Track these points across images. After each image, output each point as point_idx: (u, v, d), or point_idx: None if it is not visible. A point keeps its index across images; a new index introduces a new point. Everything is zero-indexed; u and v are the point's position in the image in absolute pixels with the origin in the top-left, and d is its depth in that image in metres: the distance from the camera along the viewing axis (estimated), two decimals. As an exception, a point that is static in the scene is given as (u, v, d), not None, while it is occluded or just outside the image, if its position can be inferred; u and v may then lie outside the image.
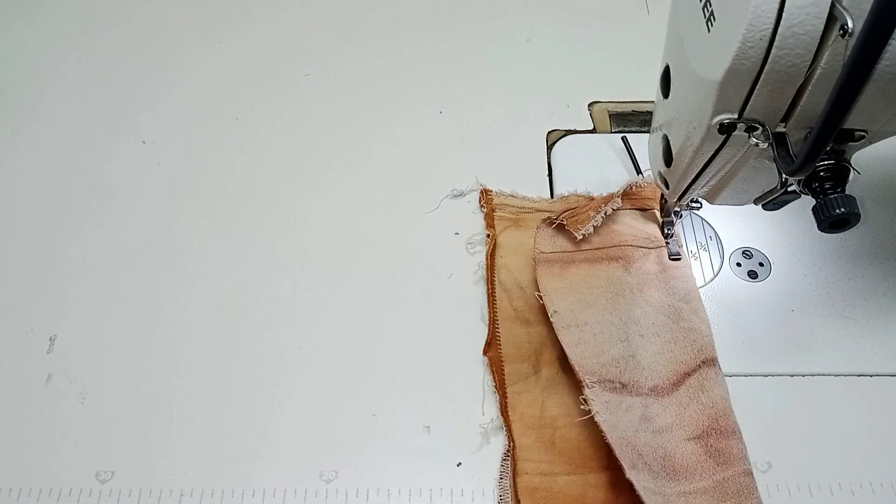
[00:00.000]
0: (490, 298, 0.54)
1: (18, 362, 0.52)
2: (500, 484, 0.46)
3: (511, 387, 0.50)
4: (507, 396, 0.49)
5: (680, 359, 0.50)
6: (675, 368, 0.49)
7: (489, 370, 0.51)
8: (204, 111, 0.67)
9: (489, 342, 0.52)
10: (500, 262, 0.56)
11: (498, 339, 0.52)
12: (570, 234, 0.54)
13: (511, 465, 0.47)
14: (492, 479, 0.47)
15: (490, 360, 0.51)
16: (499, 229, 0.57)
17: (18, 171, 0.63)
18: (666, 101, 0.44)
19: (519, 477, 0.46)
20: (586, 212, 0.54)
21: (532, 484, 0.46)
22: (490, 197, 0.59)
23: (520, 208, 0.59)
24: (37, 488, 0.46)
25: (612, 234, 0.55)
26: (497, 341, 0.52)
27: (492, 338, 0.52)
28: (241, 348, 0.53)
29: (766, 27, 0.32)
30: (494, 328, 0.52)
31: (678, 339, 0.50)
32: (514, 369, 0.50)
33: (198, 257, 0.57)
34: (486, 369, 0.51)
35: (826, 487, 0.45)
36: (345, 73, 0.70)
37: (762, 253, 0.56)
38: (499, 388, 0.49)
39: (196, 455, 0.48)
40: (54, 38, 0.74)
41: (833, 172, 0.37)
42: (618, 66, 0.68)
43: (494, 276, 0.55)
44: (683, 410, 0.48)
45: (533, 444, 0.48)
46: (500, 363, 0.51)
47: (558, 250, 0.54)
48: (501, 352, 0.51)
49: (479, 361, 0.51)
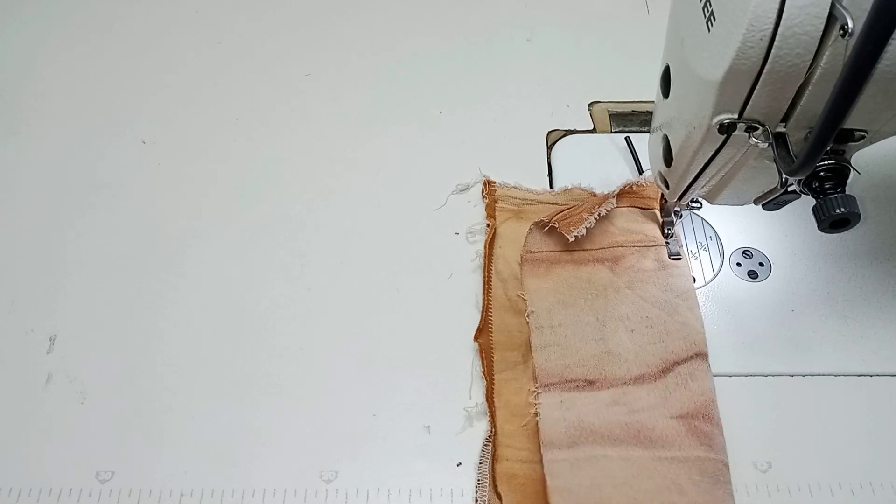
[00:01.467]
0: (486, 286, 0.54)
1: (18, 362, 0.52)
2: (479, 469, 0.47)
3: (499, 374, 0.51)
4: (495, 383, 0.50)
5: (671, 349, 0.50)
6: (665, 357, 0.50)
7: (478, 356, 0.51)
8: (204, 111, 0.67)
9: (481, 328, 0.52)
10: (498, 251, 0.56)
11: (490, 327, 0.52)
12: (562, 236, 0.54)
13: (492, 450, 0.47)
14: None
15: (480, 346, 0.51)
16: (500, 220, 0.58)
17: (18, 171, 0.63)
18: (666, 101, 0.44)
19: (498, 462, 0.47)
20: (580, 213, 0.55)
21: (511, 470, 0.47)
22: (493, 188, 0.60)
23: (522, 200, 0.59)
24: (37, 488, 0.46)
25: (603, 236, 0.56)
26: (489, 328, 0.52)
27: (484, 324, 0.52)
28: (241, 348, 0.53)
29: (766, 27, 0.32)
30: (487, 315, 0.53)
31: (671, 330, 0.51)
32: (503, 357, 0.51)
33: (198, 257, 0.57)
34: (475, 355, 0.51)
35: (826, 487, 0.45)
36: (345, 73, 0.70)
37: (762, 253, 0.56)
38: (486, 375, 0.50)
39: (196, 455, 0.48)
40: (54, 38, 0.74)
41: (833, 172, 0.37)
42: (618, 66, 0.68)
43: (492, 265, 0.55)
44: (669, 394, 0.49)
45: (515, 430, 0.48)
46: (490, 350, 0.51)
47: (546, 249, 0.55)
48: (492, 339, 0.52)
49: (479, 361, 0.51)
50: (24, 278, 0.56)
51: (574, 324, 0.52)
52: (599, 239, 0.55)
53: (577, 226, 0.53)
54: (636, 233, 0.56)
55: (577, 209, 0.55)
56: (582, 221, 0.53)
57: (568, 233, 0.53)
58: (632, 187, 0.57)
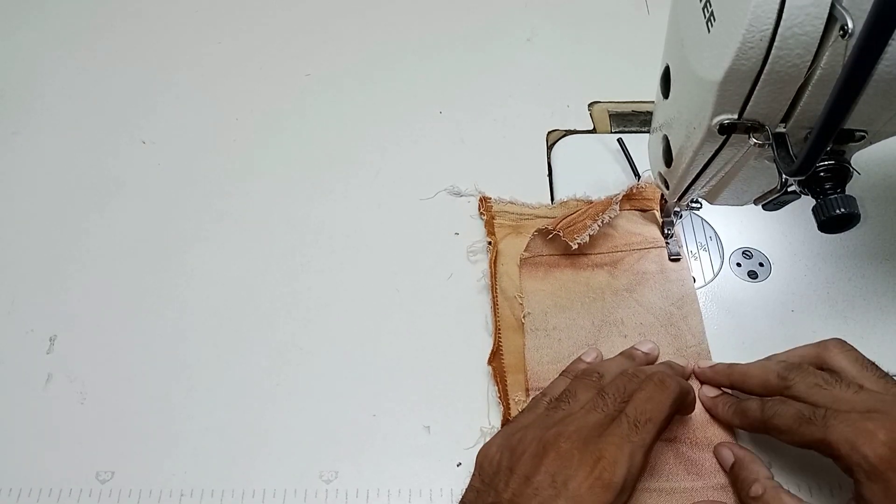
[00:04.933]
0: (494, 308, 0.53)
1: (18, 362, 0.52)
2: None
3: (513, 396, 0.49)
4: (510, 407, 0.49)
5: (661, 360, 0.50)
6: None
7: (493, 380, 0.50)
8: (204, 111, 0.67)
9: (494, 352, 0.51)
10: (501, 269, 0.55)
11: (501, 350, 0.51)
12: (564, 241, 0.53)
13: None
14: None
15: (494, 371, 0.51)
16: (499, 236, 0.57)
17: (18, 171, 0.63)
18: (666, 101, 0.44)
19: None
20: (583, 220, 0.54)
21: None
22: (489, 204, 0.59)
23: (519, 215, 0.58)
24: (37, 488, 0.46)
25: (604, 240, 0.55)
26: (500, 352, 0.51)
27: (496, 348, 0.51)
28: (241, 348, 0.53)
29: (766, 27, 0.32)
30: (498, 337, 0.52)
31: (662, 343, 0.51)
32: (515, 380, 0.50)
33: (197, 257, 0.57)
34: (486, 373, 0.51)
35: (826, 488, 0.45)
36: (345, 73, 0.70)
37: (762, 253, 0.56)
38: (502, 399, 0.49)
39: (196, 455, 0.48)
40: (54, 38, 0.74)
41: (833, 172, 0.37)
42: (618, 66, 0.68)
43: (497, 283, 0.54)
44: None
45: None
46: (503, 373, 0.50)
47: (546, 253, 0.55)
48: (504, 362, 0.51)
49: (479, 361, 0.51)
50: (24, 278, 0.56)
51: (569, 327, 0.52)
52: (599, 243, 0.55)
53: (581, 233, 0.53)
54: (636, 234, 0.56)
55: (580, 216, 0.55)
56: (586, 229, 0.53)
57: (572, 241, 0.53)
58: (632, 191, 0.57)
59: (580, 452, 0.38)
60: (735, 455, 0.44)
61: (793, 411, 0.41)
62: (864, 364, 0.43)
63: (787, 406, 0.41)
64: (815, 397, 0.41)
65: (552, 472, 0.38)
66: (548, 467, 0.38)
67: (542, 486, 0.37)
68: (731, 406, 0.46)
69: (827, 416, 0.39)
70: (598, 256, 0.55)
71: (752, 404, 0.44)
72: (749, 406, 0.44)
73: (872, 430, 0.37)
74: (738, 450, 0.45)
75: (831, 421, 0.38)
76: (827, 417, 0.39)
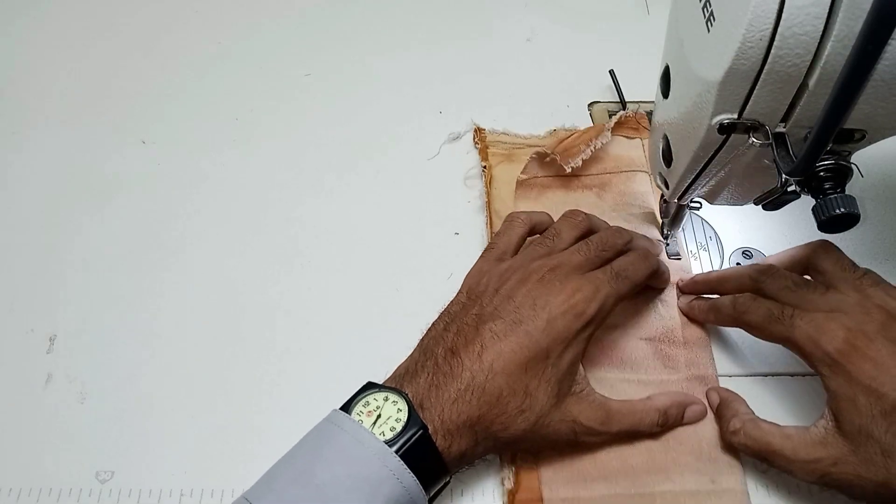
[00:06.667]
0: (490, 228, 0.57)
1: (18, 362, 0.52)
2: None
3: None
4: None
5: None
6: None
7: None
8: (204, 111, 0.67)
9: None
10: (494, 192, 0.59)
11: None
12: (558, 164, 0.57)
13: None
14: (493, 479, 0.47)
15: None
16: (493, 163, 0.61)
17: (18, 171, 0.63)
18: (666, 101, 0.44)
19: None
20: (577, 145, 0.58)
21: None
22: (483, 135, 0.63)
23: (512, 144, 0.63)
24: (37, 488, 0.46)
25: (594, 162, 0.60)
26: None
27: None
28: (241, 348, 0.53)
29: (766, 27, 0.32)
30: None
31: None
32: None
33: (197, 257, 0.57)
34: None
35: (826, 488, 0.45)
36: (345, 73, 0.71)
37: (762, 253, 0.56)
38: None
39: (196, 455, 0.48)
40: (54, 38, 0.74)
41: (833, 172, 0.37)
42: (618, 66, 0.68)
43: (492, 205, 0.58)
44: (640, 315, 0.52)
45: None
46: None
47: (541, 175, 0.59)
48: None
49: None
50: (24, 278, 0.56)
51: None
52: (590, 166, 0.59)
53: (575, 157, 0.57)
54: (623, 157, 0.61)
55: (574, 140, 0.59)
56: (579, 153, 0.58)
57: (566, 164, 0.57)
58: (621, 119, 0.62)
59: (561, 283, 0.44)
60: (720, 396, 0.48)
61: (763, 309, 0.44)
62: (845, 265, 0.45)
63: (758, 304, 0.45)
64: (784, 298, 0.44)
65: (534, 296, 0.43)
66: (530, 290, 0.43)
67: (522, 305, 0.43)
68: (706, 305, 0.50)
69: (794, 316, 0.42)
70: (588, 178, 0.60)
71: (725, 300, 0.48)
72: (721, 303, 0.48)
73: (833, 329, 0.40)
74: (723, 392, 0.48)
75: (797, 321, 0.42)
76: (794, 317, 0.42)
